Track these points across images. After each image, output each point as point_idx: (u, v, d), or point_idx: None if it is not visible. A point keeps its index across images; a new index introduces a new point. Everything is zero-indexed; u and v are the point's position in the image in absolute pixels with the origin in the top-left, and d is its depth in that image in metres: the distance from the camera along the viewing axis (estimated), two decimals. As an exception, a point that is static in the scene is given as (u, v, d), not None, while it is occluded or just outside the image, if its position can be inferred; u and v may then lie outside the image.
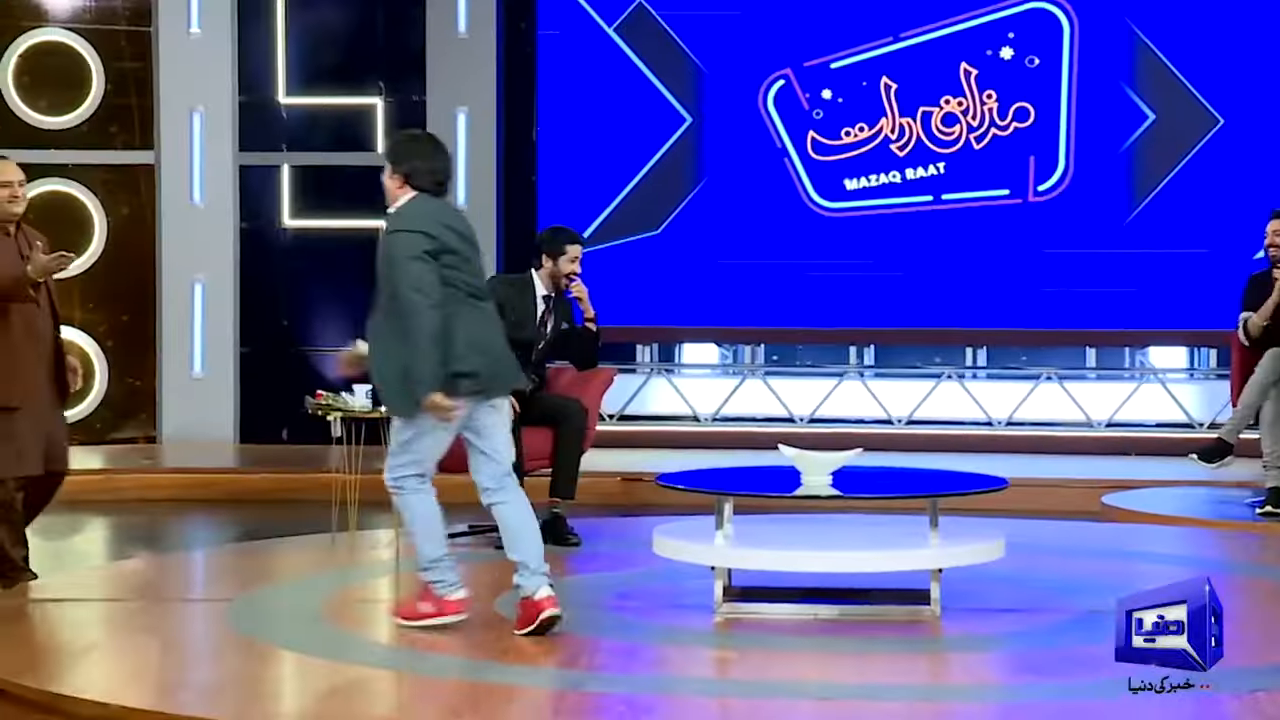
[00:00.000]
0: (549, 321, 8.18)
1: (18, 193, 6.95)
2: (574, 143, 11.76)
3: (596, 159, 11.74)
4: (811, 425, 11.71)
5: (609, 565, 7.39)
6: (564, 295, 8.19)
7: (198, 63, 11.87)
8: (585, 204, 11.68)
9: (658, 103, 11.72)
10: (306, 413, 7.94)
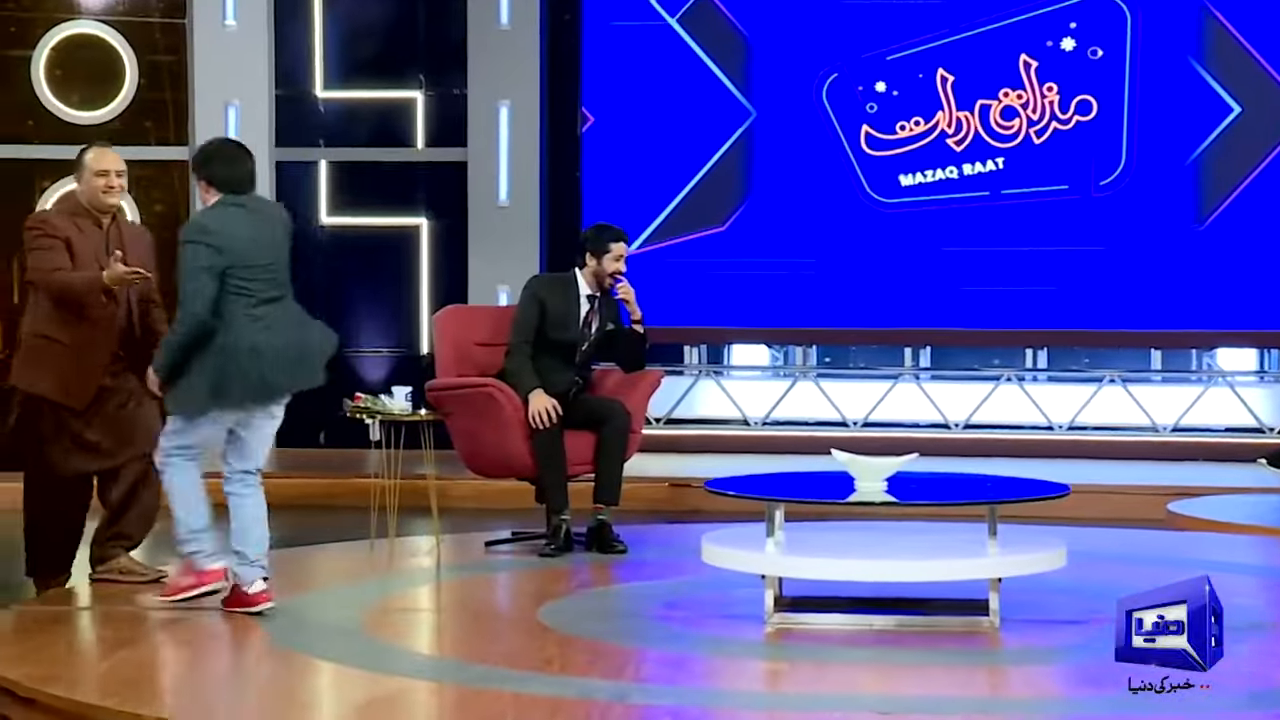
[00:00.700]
0: (593, 322, 8.18)
1: (114, 183, 6.96)
2: (619, 138, 11.76)
3: (644, 155, 11.74)
4: (865, 429, 11.68)
5: (656, 574, 7.39)
6: (609, 294, 8.19)
7: (233, 55, 11.93)
8: (631, 201, 11.68)
9: (715, 96, 11.69)
10: (344, 416, 7.97)
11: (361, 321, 12.09)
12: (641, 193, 11.75)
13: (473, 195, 11.89)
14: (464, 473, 8.55)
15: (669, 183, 11.75)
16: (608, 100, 11.79)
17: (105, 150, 7.06)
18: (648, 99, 11.75)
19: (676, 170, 11.73)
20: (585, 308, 8.17)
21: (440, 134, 12.06)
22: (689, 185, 11.74)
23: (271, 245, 6.44)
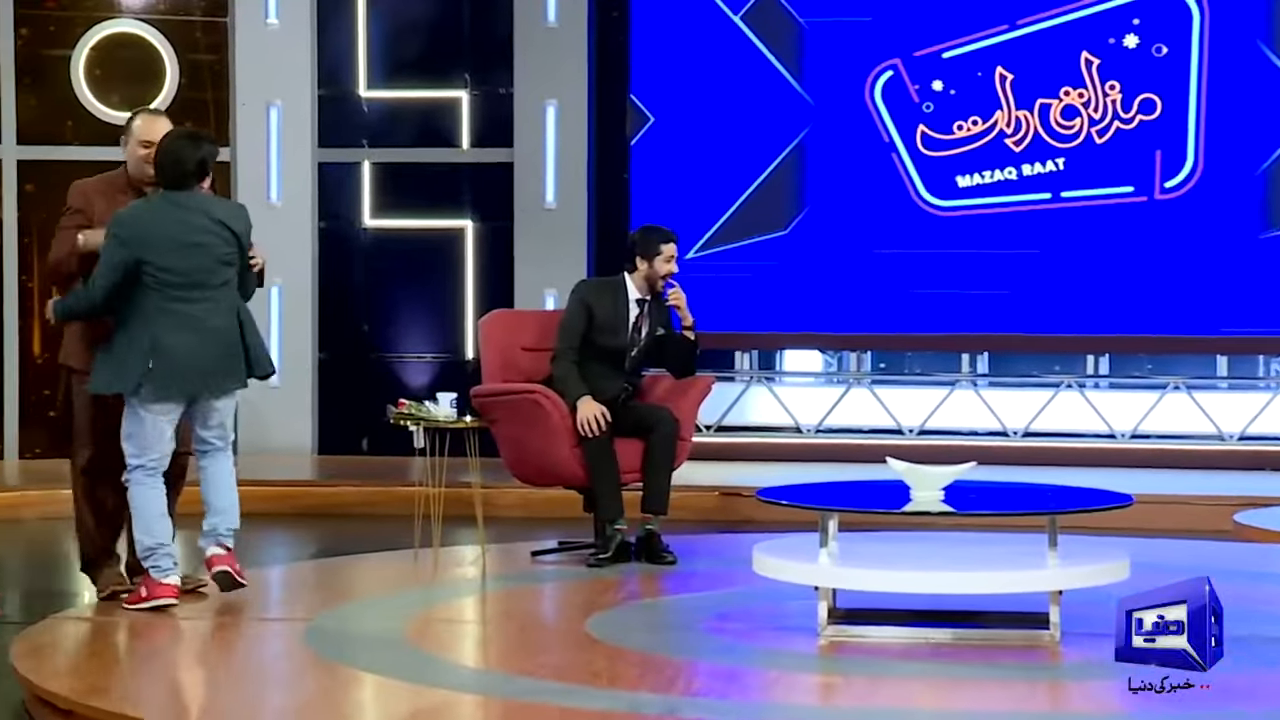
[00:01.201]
0: (643, 327, 8.18)
1: (135, 153, 6.95)
2: (670, 138, 11.76)
3: (696, 156, 11.72)
4: (921, 437, 11.66)
5: (706, 585, 7.38)
6: (660, 298, 8.20)
7: (275, 55, 11.98)
8: (682, 203, 11.67)
9: (773, 95, 11.66)
10: (388, 423, 7.98)
11: (405, 326, 12.12)
12: (693, 195, 11.73)
13: (519, 197, 11.91)
14: (510, 481, 8.57)
15: (721, 184, 11.72)
16: (658, 99, 11.78)
17: (155, 118, 6.96)
18: (700, 98, 11.73)
19: (731, 172, 11.71)
20: (634, 312, 8.17)
21: (486, 134, 12.09)
22: (750, 188, 11.69)
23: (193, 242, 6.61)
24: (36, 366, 11.81)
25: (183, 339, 6.60)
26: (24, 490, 10.32)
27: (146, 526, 6.70)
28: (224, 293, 6.71)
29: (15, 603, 7.40)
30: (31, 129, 11.88)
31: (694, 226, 11.63)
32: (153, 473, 6.72)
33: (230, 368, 6.75)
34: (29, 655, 5.97)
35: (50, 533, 9.38)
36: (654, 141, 11.80)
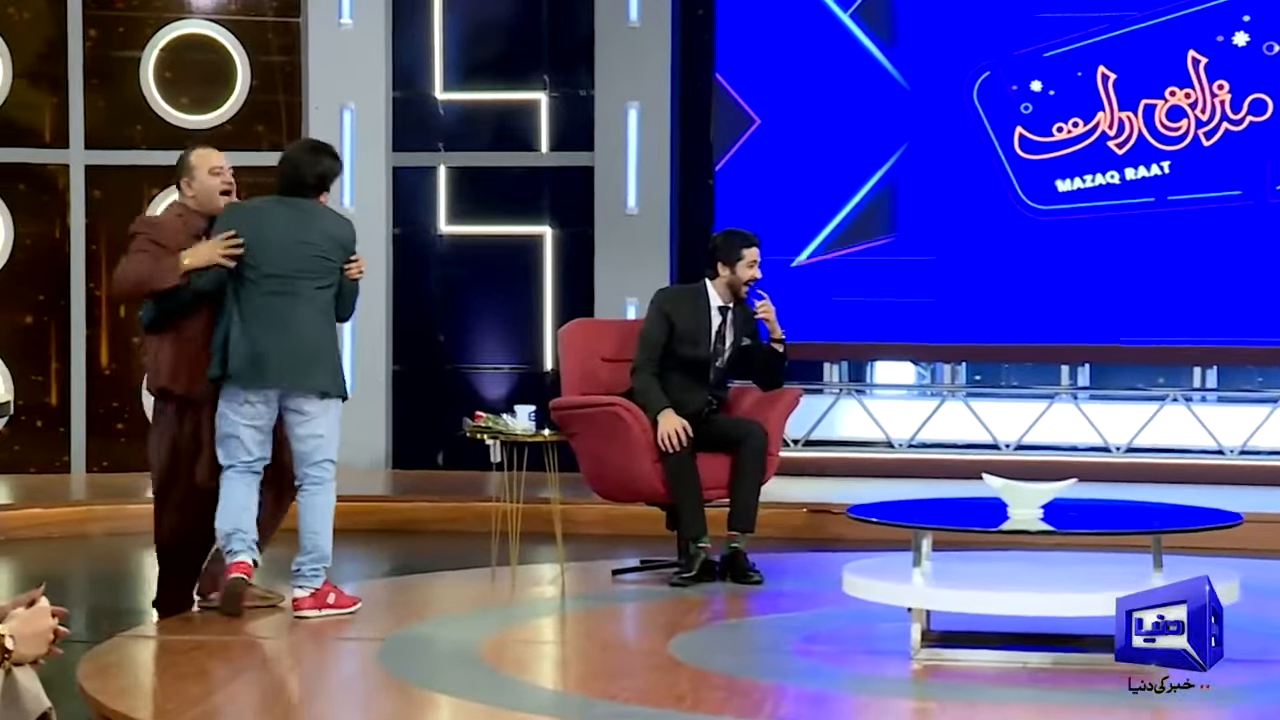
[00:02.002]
0: (726, 336, 8.18)
1: (230, 180, 7.13)
2: (763, 140, 11.74)
3: (791, 159, 11.69)
4: (1019, 452, 11.59)
5: (794, 605, 7.37)
6: (745, 306, 8.19)
7: (349, 56, 12.06)
8: (771, 208, 11.66)
9: (874, 95, 11.62)
10: (464, 436, 8.01)
11: (482, 336, 12.17)
12: (784, 200, 11.71)
13: (599, 202, 11.93)
14: (590, 497, 8.58)
15: (816, 188, 11.68)
16: (747, 99, 11.77)
17: (209, 149, 7.19)
18: (796, 98, 11.70)
19: (828, 174, 11.67)
20: (717, 320, 8.17)
21: (566, 137, 12.12)
22: (862, 192, 11.64)
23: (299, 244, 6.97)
24: (104, 378, 11.92)
25: (274, 336, 6.89)
26: (91, 505, 10.42)
27: (229, 515, 6.91)
28: (320, 298, 7.02)
29: (81, 620, 7.48)
30: (100, 133, 11.99)
31: (785, 233, 11.61)
32: (243, 472, 6.94)
33: (317, 370, 6.98)
34: (96, 675, 6.03)
35: (117, 549, 9.47)
36: (743, 143, 11.78)
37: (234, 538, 6.94)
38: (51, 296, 11.94)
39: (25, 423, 11.68)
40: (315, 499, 7.04)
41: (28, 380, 11.85)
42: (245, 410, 6.91)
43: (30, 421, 11.78)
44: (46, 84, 12.01)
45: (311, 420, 6.99)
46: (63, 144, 11.97)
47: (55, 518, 10.18)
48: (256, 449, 6.94)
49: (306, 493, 7.04)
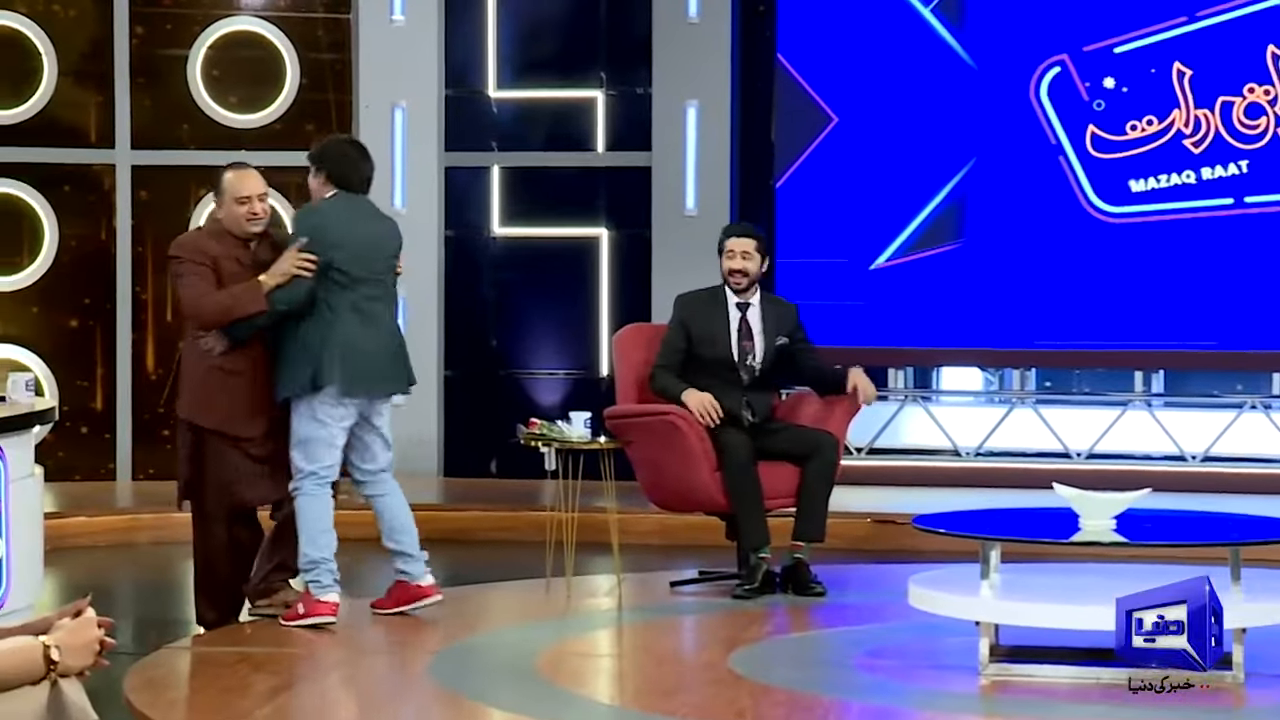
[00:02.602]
0: (754, 334, 8.19)
1: (257, 209, 7.18)
2: (833, 140, 11.70)
3: (852, 160, 11.66)
4: (1090, 461, 11.54)
5: (858, 618, 7.35)
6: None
7: (401, 53, 12.09)
8: (835, 210, 11.63)
9: (941, 93, 11.58)
10: (518, 443, 8.03)
11: (536, 341, 12.18)
12: (850, 201, 11.68)
13: (657, 203, 11.93)
14: (647, 506, 8.58)
15: (882, 188, 11.64)
16: (804, 97, 11.75)
17: (245, 173, 7.21)
18: (862, 96, 11.66)
19: (896, 174, 11.63)
20: (735, 317, 8.19)
21: (623, 137, 12.12)
22: (940, 196, 11.60)
23: (376, 242, 7.26)
24: (150, 383, 11.98)
25: (369, 336, 7.12)
26: (137, 514, 10.47)
27: (312, 538, 7.04)
28: (393, 295, 7.33)
29: (128, 632, 7.52)
30: (146, 133, 12.05)
31: (855, 235, 11.58)
32: (323, 483, 7.08)
33: (399, 370, 7.31)
34: (143, 687, 6.06)
35: (164, 558, 9.52)
36: (798, 140, 11.76)
37: (321, 568, 7.05)
38: (97, 300, 12.01)
39: (70, 429, 11.74)
40: (399, 495, 7.35)
41: (73, 385, 11.92)
42: (339, 414, 7.08)
43: (75, 428, 11.84)
44: (92, 83, 12.07)
45: (386, 419, 7.31)
46: (108, 144, 12.04)
47: (101, 526, 10.23)
48: (337, 455, 7.12)
49: (392, 490, 7.30)
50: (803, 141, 11.74)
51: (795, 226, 11.70)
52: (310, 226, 7.09)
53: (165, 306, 12.01)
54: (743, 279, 8.21)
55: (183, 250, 7.13)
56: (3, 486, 6.73)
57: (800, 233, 11.69)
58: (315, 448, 7.04)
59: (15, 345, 11.88)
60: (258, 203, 7.12)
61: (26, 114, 11.91)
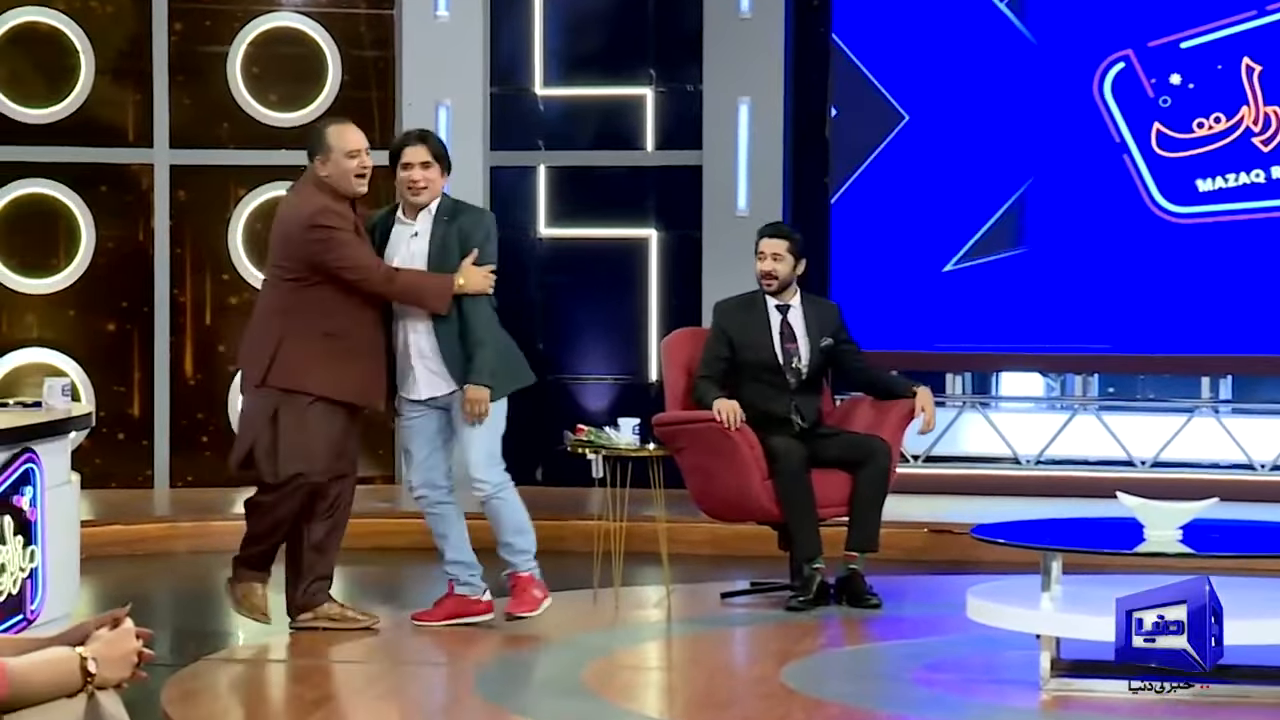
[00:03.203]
0: (798, 337, 8.19)
1: (367, 164, 7.21)
2: (873, 139, 11.69)
3: (912, 159, 11.63)
4: (1155, 470, 11.49)
5: (914, 631, 7.34)
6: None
7: (445, 50, 12.11)
8: (891, 212, 11.61)
9: (1003, 91, 11.55)
10: (564, 450, 8.03)
11: (583, 345, 12.19)
12: (907, 203, 11.65)
13: (708, 203, 11.93)
14: (697, 515, 8.58)
15: (944, 190, 11.61)
16: (859, 95, 11.72)
17: (349, 126, 7.24)
18: (919, 94, 11.64)
19: (952, 174, 11.60)
20: (776, 320, 8.19)
21: (672, 135, 12.12)
22: (1009, 202, 11.57)
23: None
24: (189, 388, 12.02)
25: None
26: (174, 521, 10.51)
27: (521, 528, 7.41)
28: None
29: (165, 643, 7.54)
30: (184, 131, 12.09)
31: (909, 239, 11.56)
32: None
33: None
34: (181, 700, 6.08)
35: (202, 567, 9.55)
36: (852, 141, 11.74)
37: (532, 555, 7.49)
38: (134, 303, 12.05)
39: (106, 435, 11.79)
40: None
41: (109, 390, 11.96)
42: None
43: (111, 434, 11.89)
44: (130, 81, 12.11)
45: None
46: (146, 143, 12.08)
47: (138, 534, 10.27)
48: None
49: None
50: (864, 140, 11.72)
51: (851, 227, 11.68)
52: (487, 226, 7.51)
53: (204, 309, 12.05)
54: (772, 281, 8.22)
55: (327, 218, 7.08)
56: (39, 494, 6.77)
57: (856, 234, 11.67)
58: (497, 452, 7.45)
59: (51, 349, 11.94)
60: (366, 157, 7.14)
61: (63, 112, 11.96)
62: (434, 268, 7.31)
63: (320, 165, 7.15)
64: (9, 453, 6.60)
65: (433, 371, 7.36)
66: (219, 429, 11.93)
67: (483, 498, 7.36)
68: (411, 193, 7.31)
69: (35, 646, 3.38)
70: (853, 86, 11.72)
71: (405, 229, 7.38)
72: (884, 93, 11.66)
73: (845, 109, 11.77)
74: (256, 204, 11.91)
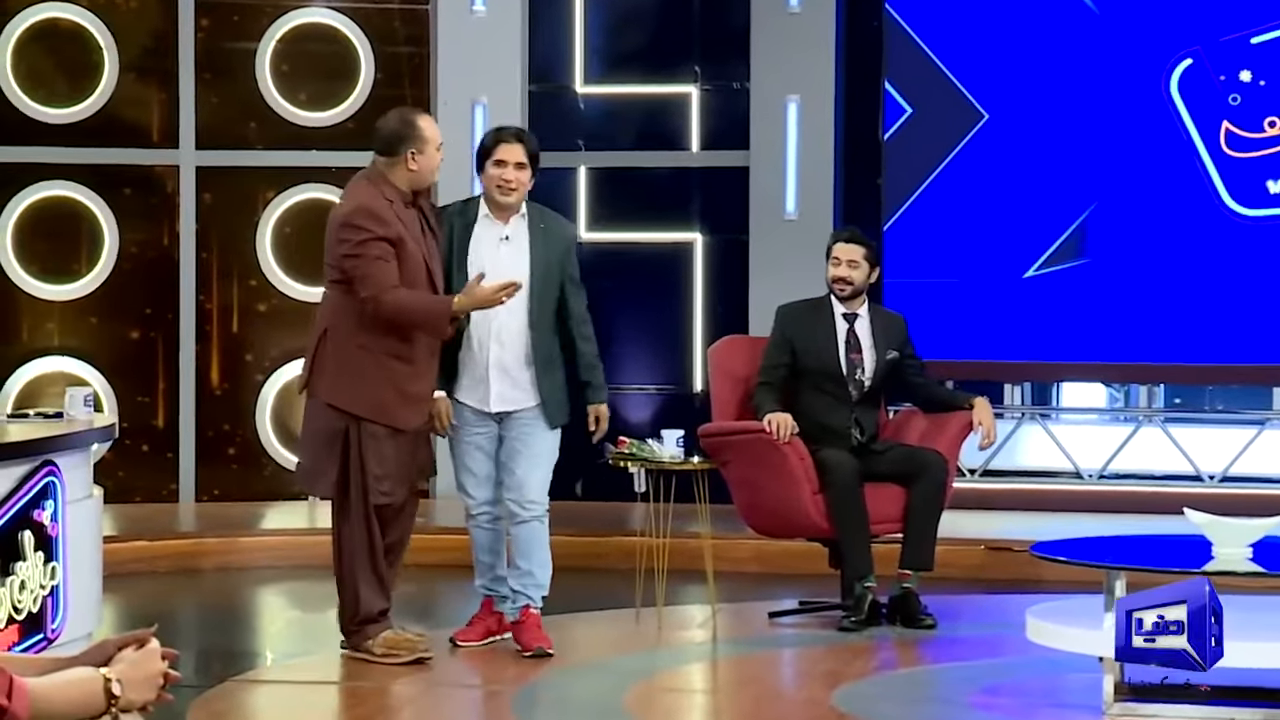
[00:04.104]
0: (863, 347, 8.19)
1: (435, 159, 7.19)
2: (933, 140, 11.68)
3: (976, 161, 11.60)
4: (1224, 485, 11.45)
5: (971, 653, 7.33)
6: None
7: (481, 46, 12.13)
8: (949, 216, 11.59)
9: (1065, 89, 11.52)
10: (606, 464, 8.04)
11: (625, 353, 12.19)
12: (966, 206, 11.64)
13: (755, 206, 11.93)
14: (744, 531, 8.58)
15: (1003, 191, 11.60)
16: (918, 91, 11.71)
17: (430, 117, 7.26)
18: (987, 90, 11.61)
19: (1014, 176, 11.58)
20: (843, 329, 8.19)
21: (718, 135, 12.13)
22: (1086, 211, 11.56)
23: None
24: (215, 398, 12.06)
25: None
26: (201, 537, 10.54)
27: (547, 560, 7.41)
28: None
29: (190, 663, 7.58)
30: (211, 131, 12.13)
31: (964, 243, 11.54)
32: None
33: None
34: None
35: (229, 585, 9.60)
36: (916, 141, 11.74)
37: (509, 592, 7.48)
38: (159, 310, 12.09)
39: (130, 447, 11.82)
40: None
41: (133, 401, 12.00)
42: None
43: (135, 446, 11.93)
44: (155, 79, 12.16)
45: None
46: (172, 144, 12.13)
47: (162, 551, 10.30)
48: None
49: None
50: (922, 140, 11.70)
51: (905, 232, 11.67)
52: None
53: (231, 316, 12.08)
54: (846, 287, 8.22)
55: (364, 219, 6.99)
56: (60, 508, 6.80)
57: (911, 240, 11.66)
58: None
59: (73, 358, 11.99)
60: (436, 152, 7.13)
61: (85, 112, 12.01)
62: (538, 279, 7.34)
63: (410, 160, 7.05)
64: (29, 466, 6.63)
65: (513, 385, 7.34)
66: (246, 440, 11.97)
67: (528, 518, 7.31)
68: (501, 192, 7.29)
69: (57, 667, 3.40)
70: (910, 82, 11.71)
71: (493, 230, 7.34)
72: (958, 88, 11.63)
73: (903, 106, 11.76)
74: (285, 207, 11.95)
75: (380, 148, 7.12)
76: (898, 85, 11.72)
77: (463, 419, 7.36)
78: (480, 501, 7.42)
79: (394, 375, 7.04)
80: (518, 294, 7.11)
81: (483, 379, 7.30)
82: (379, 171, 7.11)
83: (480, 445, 7.38)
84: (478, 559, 7.48)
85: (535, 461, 7.34)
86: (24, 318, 12.02)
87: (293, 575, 9.77)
